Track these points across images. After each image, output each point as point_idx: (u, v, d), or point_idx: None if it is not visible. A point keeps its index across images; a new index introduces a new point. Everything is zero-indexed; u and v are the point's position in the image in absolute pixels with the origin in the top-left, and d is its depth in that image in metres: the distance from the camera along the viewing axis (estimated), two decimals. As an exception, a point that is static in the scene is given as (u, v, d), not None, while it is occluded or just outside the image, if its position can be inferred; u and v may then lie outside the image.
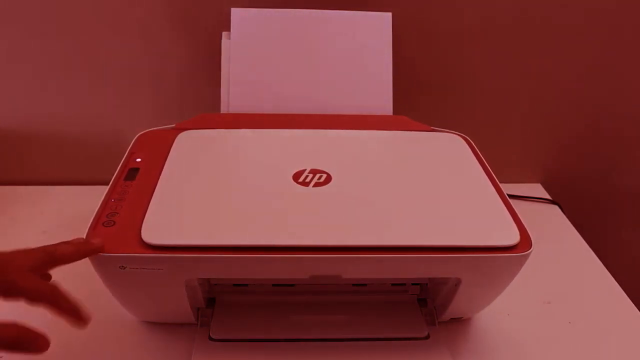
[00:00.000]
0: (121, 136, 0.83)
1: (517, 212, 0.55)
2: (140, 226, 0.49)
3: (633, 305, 0.68)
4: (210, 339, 0.59)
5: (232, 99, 0.72)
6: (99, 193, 0.55)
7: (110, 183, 0.57)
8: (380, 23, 0.73)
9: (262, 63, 0.72)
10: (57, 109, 0.83)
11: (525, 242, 0.51)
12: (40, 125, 0.84)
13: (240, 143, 0.64)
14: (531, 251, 0.50)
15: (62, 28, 0.76)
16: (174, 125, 0.68)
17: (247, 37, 0.72)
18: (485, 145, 0.67)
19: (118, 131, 0.85)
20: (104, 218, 0.52)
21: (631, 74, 0.84)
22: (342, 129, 0.67)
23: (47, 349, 0.40)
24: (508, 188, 0.63)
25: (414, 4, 0.77)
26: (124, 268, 0.48)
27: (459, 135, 0.68)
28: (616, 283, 0.72)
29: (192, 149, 0.62)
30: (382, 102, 0.73)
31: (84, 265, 0.49)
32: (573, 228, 0.84)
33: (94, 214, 0.52)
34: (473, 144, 0.66)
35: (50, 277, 0.48)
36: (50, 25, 0.76)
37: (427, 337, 0.60)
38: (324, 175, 0.57)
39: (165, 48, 0.79)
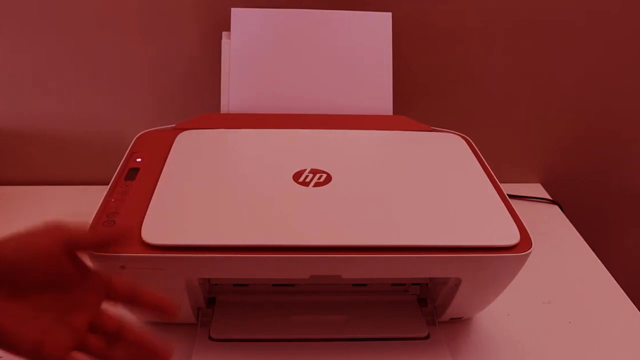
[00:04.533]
0: (121, 136, 0.83)
1: (517, 212, 0.55)
2: (141, 226, 0.49)
3: (633, 305, 0.69)
4: (211, 338, 0.59)
5: (232, 99, 0.72)
6: (99, 193, 0.55)
7: (110, 183, 0.57)
8: (380, 23, 0.73)
9: (262, 63, 0.72)
10: (57, 109, 0.83)
11: (525, 242, 0.51)
12: (41, 125, 0.84)
13: (241, 143, 0.64)
14: (531, 251, 0.50)
15: (62, 28, 0.76)
16: (174, 125, 0.68)
17: (247, 37, 0.72)
18: (485, 145, 0.68)
19: (118, 131, 0.85)
20: (104, 218, 0.52)
21: (631, 74, 0.84)
22: (342, 129, 0.67)
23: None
24: (508, 188, 0.63)
25: (414, 4, 0.77)
26: (124, 268, 0.48)
27: (459, 135, 0.68)
28: (616, 283, 0.72)
29: (192, 149, 0.62)
30: (382, 102, 0.73)
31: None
32: (573, 228, 0.84)
33: (94, 214, 0.52)
34: (473, 144, 0.66)
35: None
36: (50, 25, 0.76)
37: (427, 337, 0.60)
38: (324, 175, 0.57)
39: (166, 48, 0.79)
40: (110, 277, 0.41)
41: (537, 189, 0.93)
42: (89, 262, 0.41)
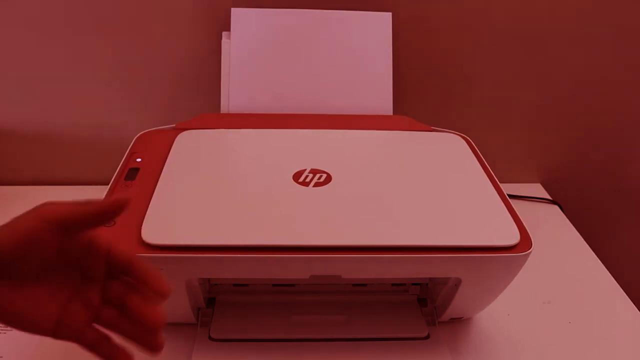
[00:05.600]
0: (121, 136, 0.83)
1: (517, 212, 0.55)
2: (140, 226, 0.49)
3: (633, 305, 0.69)
4: (211, 338, 0.59)
5: (232, 99, 0.72)
6: (99, 193, 0.55)
7: (110, 183, 0.57)
8: (380, 23, 0.73)
9: (262, 63, 0.72)
10: (57, 109, 0.83)
11: (525, 242, 0.51)
12: (41, 125, 0.84)
13: (240, 143, 0.64)
14: (531, 251, 0.50)
15: (61, 28, 0.76)
16: (174, 125, 0.68)
17: (247, 37, 0.72)
18: (485, 145, 0.67)
19: (118, 131, 0.85)
20: (104, 218, 0.52)
21: (631, 74, 0.84)
22: (342, 129, 0.67)
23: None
24: (508, 188, 0.63)
25: (414, 4, 0.77)
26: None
27: (459, 135, 0.68)
28: (616, 283, 0.72)
29: (192, 149, 0.62)
30: (382, 102, 0.73)
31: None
32: (573, 228, 0.84)
33: (94, 214, 0.52)
34: (473, 144, 0.66)
35: None
36: (50, 25, 0.76)
37: (427, 337, 0.60)
38: (324, 175, 0.57)
39: (166, 48, 0.79)
40: (109, 244, 0.39)
41: (537, 189, 0.93)
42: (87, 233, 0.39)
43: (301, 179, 0.56)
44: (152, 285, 0.38)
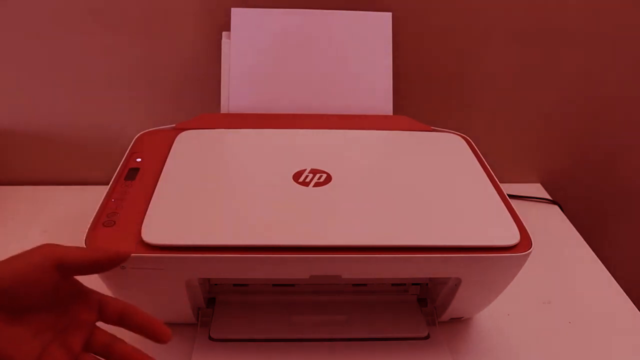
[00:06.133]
0: (121, 136, 0.83)
1: (517, 212, 0.55)
2: (140, 226, 0.49)
3: (633, 305, 0.69)
4: (211, 338, 0.59)
5: (232, 99, 0.72)
6: (99, 193, 0.55)
7: (110, 183, 0.57)
8: (380, 23, 0.73)
9: (262, 63, 0.72)
10: (57, 109, 0.83)
11: (525, 242, 0.51)
12: (41, 125, 0.84)
13: (240, 143, 0.64)
14: (531, 251, 0.50)
15: (61, 28, 0.76)
16: (174, 125, 0.68)
17: (247, 37, 0.72)
18: (485, 145, 0.68)
19: (118, 131, 0.85)
20: (104, 218, 0.52)
21: (631, 74, 0.84)
22: (342, 129, 0.67)
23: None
24: (508, 188, 0.63)
25: (414, 4, 0.77)
26: (124, 268, 0.48)
27: (459, 135, 0.68)
28: (616, 283, 0.72)
29: (192, 149, 0.62)
30: (382, 102, 0.73)
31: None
32: (573, 228, 0.84)
33: (94, 214, 0.52)
34: (473, 144, 0.66)
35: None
36: (50, 25, 0.76)
37: (427, 337, 0.60)
38: (324, 175, 0.57)
39: (166, 48, 0.79)
40: (103, 296, 0.41)
41: (537, 189, 0.93)
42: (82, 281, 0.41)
43: (301, 179, 0.56)
44: (153, 331, 0.40)
